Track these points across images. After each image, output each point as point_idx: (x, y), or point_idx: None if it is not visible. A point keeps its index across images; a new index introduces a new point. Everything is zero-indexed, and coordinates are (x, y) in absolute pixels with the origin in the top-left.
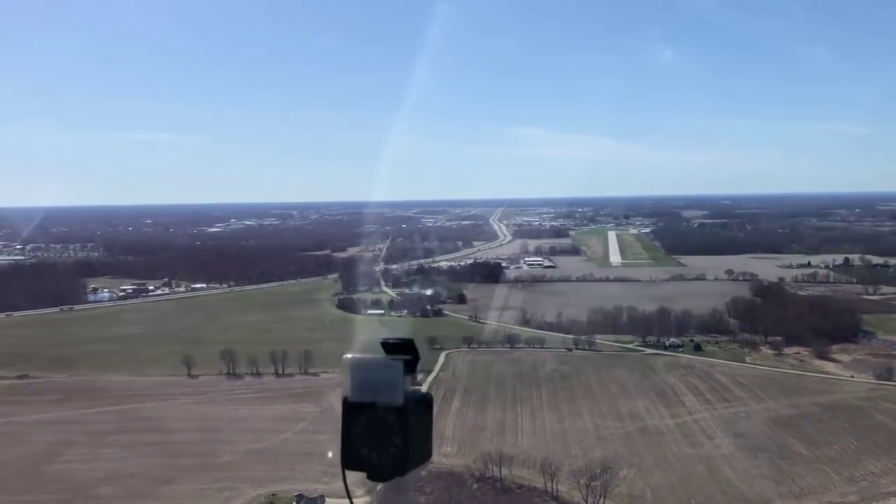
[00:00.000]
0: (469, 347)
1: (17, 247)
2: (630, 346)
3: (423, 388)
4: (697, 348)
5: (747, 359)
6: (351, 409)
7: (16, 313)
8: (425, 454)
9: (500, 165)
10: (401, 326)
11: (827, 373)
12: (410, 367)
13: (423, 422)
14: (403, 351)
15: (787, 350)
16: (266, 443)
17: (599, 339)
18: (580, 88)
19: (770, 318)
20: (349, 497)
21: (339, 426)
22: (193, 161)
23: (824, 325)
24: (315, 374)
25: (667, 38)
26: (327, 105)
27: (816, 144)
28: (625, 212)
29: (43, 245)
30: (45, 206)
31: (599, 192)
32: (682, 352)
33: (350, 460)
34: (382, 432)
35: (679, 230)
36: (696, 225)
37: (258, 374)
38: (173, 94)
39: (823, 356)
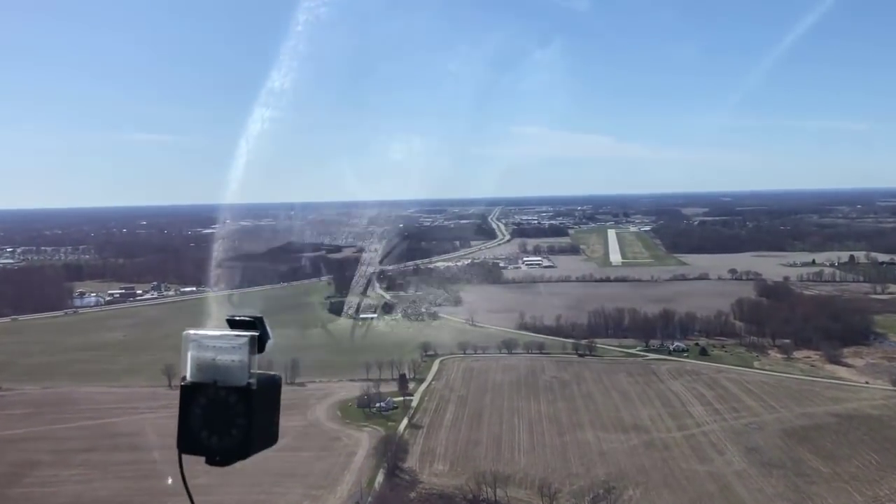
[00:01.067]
0: (464, 353)
1: (8, 250)
2: (633, 350)
3: (415, 399)
4: (703, 353)
5: (756, 363)
6: (189, 389)
7: None
8: (270, 438)
9: (500, 164)
10: (393, 330)
11: (840, 378)
12: (258, 346)
13: (269, 403)
14: (250, 328)
15: (796, 354)
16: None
17: (600, 343)
18: (580, 86)
19: (778, 319)
20: (185, 484)
21: (326, 441)
22: (193, 161)
23: (834, 326)
24: (301, 384)
25: (663, 36)
26: (326, 104)
27: (816, 141)
28: (624, 210)
29: (34, 248)
30: (42, 208)
31: (598, 190)
32: (688, 356)
33: (187, 444)
34: (224, 415)
35: (679, 228)
36: (696, 223)
37: None
38: (172, 94)
39: (835, 360)
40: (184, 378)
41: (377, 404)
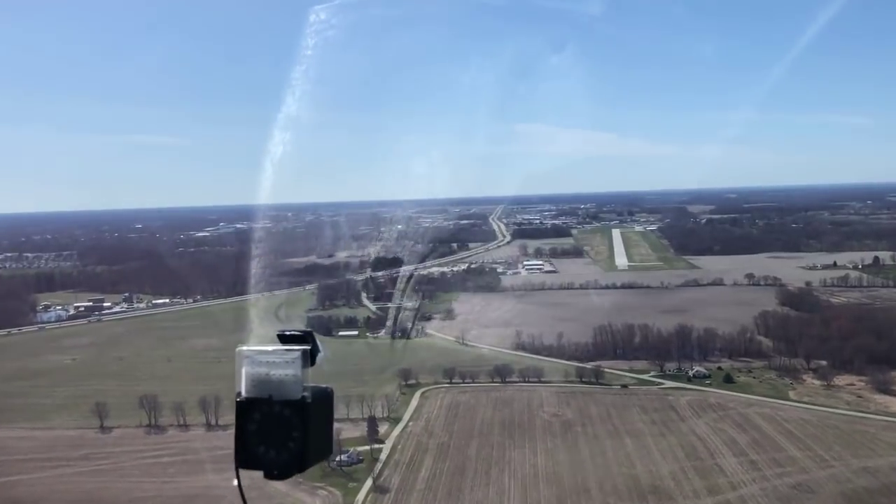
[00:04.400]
0: (451, 383)
1: None
2: (646, 377)
3: (386, 448)
4: (728, 380)
5: (791, 393)
6: (245, 406)
7: None
8: (326, 449)
9: (502, 162)
10: (373, 351)
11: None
12: (310, 360)
13: (323, 416)
14: (301, 342)
15: (837, 380)
16: None
17: (608, 366)
18: (582, 84)
19: (809, 336)
20: (243, 499)
21: None
22: (192, 163)
23: (877, 345)
24: None
25: (665, 32)
26: (326, 104)
27: (820, 136)
28: (628, 208)
29: (16, 255)
30: (39, 212)
31: (602, 188)
32: (710, 384)
33: (245, 459)
34: (279, 428)
35: (687, 227)
36: (704, 221)
37: (185, 426)
38: (170, 96)
39: (885, 389)
40: (239, 394)
41: (338, 457)
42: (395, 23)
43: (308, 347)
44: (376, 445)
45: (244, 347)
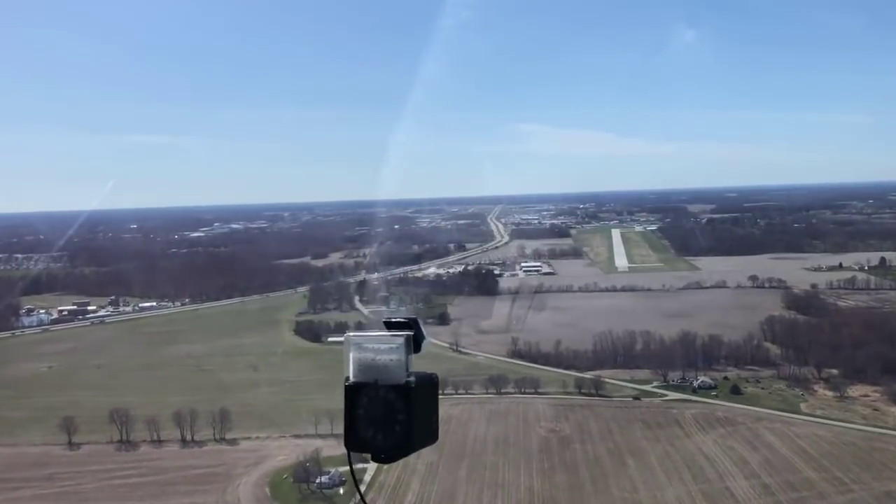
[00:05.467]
0: (443, 394)
1: None
2: (648, 387)
3: (372, 466)
4: (735, 391)
5: (803, 406)
6: (353, 390)
7: None
8: (431, 434)
9: (501, 162)
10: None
11: None
12: (414, 346)
13: (428, 401)
14: (406, 328)
15: (850, 391)
16: None
17: (608, 376)
18: (580, 84)
19: (819, 343)
20: (354, 480)
21: None
22: (191, 163)
23: (891, 353)
24: (232, 443)
25: (666, 32)
26: (325, 103)
27: (821, 134)
28: (628, 207)
29: (6, 256)
30: (34, 212)
31: (601, 187)
32: (716, 396)
33: (354, 442)
34: (386, 412)
35: (687, 227)
36: (704, 221)
37: (159, 442)
38: (169, 95)
39: None
40: (347, 378)
41: (318, 479)
42: None
43: (412, 333)
44: (360, 465)
45: (352, 333)
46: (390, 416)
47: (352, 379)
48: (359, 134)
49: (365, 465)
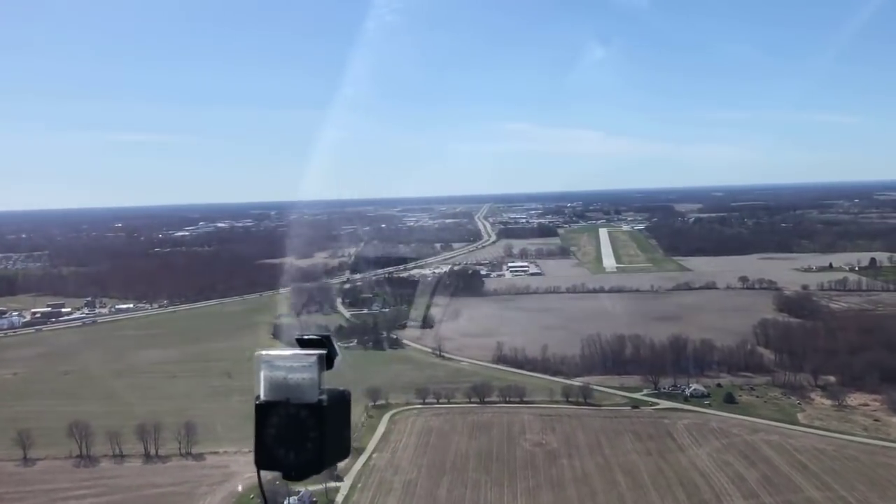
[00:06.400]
0: (424, 403)
1: None
2: (638, 395)
3: (345, 486)
4: (729, 399)
5: (800, 416)
6: (263, 409)
7: None
8: (344, 451)
9: (488, 161)
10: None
11: None
12: (327, 363)
13: (340, 419)
14: (319, 346)
15: (849, 399)
16: None
17: (597, 382)
18: (567, 83)
19: (814, 348)
20: (264, 498)
21: None
22: (179, 161)
23: (889, 358)
24: (199, 457)
25: (651, 31)
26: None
27: (807, 134)
28: (615, 206)
29: None
30: (18, 210)
31: (588, 186)
32: (710, 405)
33: (264, 461)
34: (298, 431)
35: (675, 226)
36: (692, 220)
37: (121, 457)
38: (158, 94)
39: None
40: (258, 397)
41: (287, 499)
42: None
43: (325, 351)
44: (333, 484)
45: (262, 352)
46: (302, 435)
47: (262, 398)
48: (350, 133)
49: (338, 485)
